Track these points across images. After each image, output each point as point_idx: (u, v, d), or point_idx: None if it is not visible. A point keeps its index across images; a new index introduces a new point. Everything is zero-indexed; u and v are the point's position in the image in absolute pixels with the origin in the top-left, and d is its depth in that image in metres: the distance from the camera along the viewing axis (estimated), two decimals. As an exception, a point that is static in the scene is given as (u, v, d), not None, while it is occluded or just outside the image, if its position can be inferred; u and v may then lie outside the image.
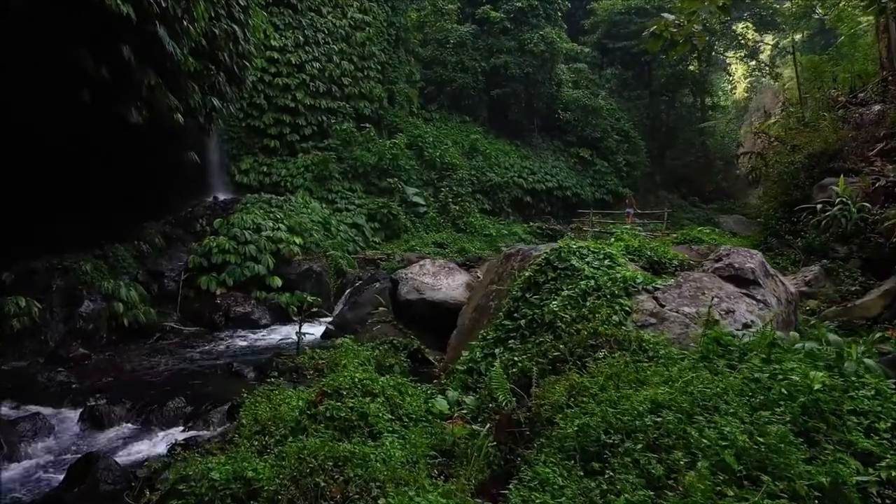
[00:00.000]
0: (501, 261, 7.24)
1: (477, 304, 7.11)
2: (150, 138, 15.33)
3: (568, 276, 6.10)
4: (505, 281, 6.91)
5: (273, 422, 6.12)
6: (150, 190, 17.32)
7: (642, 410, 3.66)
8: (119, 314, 12.64)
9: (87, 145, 12.92)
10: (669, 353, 4.71)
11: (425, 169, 28.43)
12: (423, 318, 10.69)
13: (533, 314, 6.03)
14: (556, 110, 36.58)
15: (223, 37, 15.42)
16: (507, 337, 6.15)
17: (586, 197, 34.98)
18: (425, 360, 10.17)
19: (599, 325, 5.14)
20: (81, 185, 13.99)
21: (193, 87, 14.45)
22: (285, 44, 25.16)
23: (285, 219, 17.90)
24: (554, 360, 5.21)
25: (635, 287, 5.61)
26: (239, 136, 24.54)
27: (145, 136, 14.45)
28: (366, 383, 6.23)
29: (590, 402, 4.01)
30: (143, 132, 13.77)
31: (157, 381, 9.68)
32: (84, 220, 14.92)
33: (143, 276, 15.40)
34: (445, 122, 33.22)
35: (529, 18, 34.25)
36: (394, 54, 30.35)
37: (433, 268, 11.41)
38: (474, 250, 23.23)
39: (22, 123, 11.03)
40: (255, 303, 15.28)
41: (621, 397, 3.90)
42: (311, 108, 25.74)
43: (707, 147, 47.88)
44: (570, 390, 4.27)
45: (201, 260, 15.59)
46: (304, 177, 24.35)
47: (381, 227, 23.70)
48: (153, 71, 12.03)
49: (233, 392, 8.89)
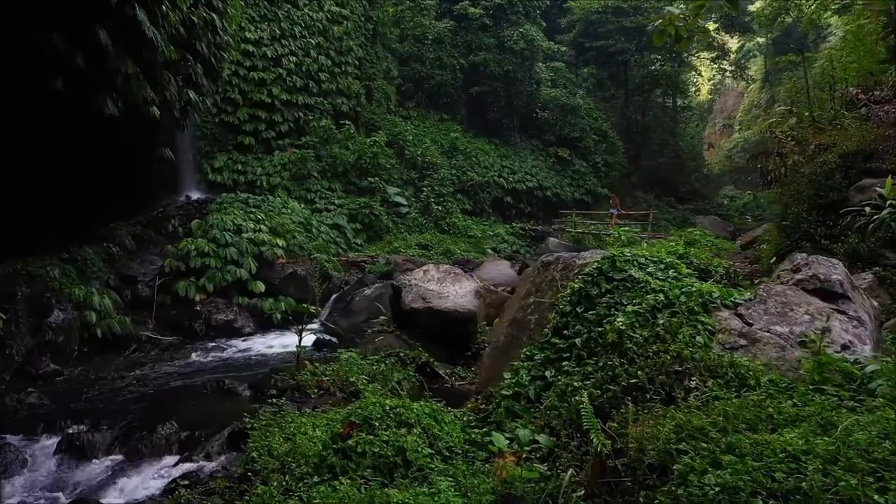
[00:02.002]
0: (538, 269, 6.54)
1: (512, 317, 6.41)
2: (121, 132, 14.32)
3: (627, 288, 5.43)
4: (545, 292, 6.21)
5: (292, 457, 5.33)
6: (118, 188, 16.21)
7: (793, 465, 2.98)
8: (92, 324, 11.59)
9: (54, 139, 11.88)
10: (775, 383, 4.07)
11: (406, 168, 27.64)
12: (429, 329, 9.98)
13: (590, 332, 5.35)
14: (534, 109, 36.10)
15: (201, 25, 14.47)
16: (560, 357, 5.46)
17: (566, 197, 34.59)
18: (434, 373, 9.46)
19: (683, 347, 4.48)
20: (46, 181, 12.90)
21: (169, 78, 13.47)
22: (261, 36, 24.09)
23: (266, 220, 16.94)
24: (629, 388, 4.53)
25: (713, 302, 4.97)
26: (212, 132, 23.40)
27: (116, 129, 13.49)
28: (399, 412, 5.48)
29: (712, 448, 3.32)
30: (115, 126, 12.81)
31: (141, 401, 8.73)
32: (49, 219, 13.81)
33: (114, 282, 14.31)
34: (423, 120, 32.46)
35: (509, 15, 33.69)
36: (371, 50, 29.46)
37: (437, 273, 10.68)
38: (460, 252, 22.54)
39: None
40: (237, 309, 14.32)
41: (755, 444, 3.23)
42: (288, 103, 24.70)
43: (679, 147, 48.10)
44: (677, 430, 3.58)
45: (178, 263, 14.56)
46: (281, 175, 23.34)
47: (363, 228, 22.83)
48: (131, 59, 11.05)
49: (229, 413, 8.02)
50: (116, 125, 12.70)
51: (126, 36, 10.42)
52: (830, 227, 8.52)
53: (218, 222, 15.66)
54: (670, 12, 6.60)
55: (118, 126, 12.94)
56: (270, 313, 14.61)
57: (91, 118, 11.25)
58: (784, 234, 9.64)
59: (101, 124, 11.76)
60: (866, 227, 7.80)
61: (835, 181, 8.75)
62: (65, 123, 11.11)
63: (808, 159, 9.93)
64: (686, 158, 48.88)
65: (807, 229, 8.92)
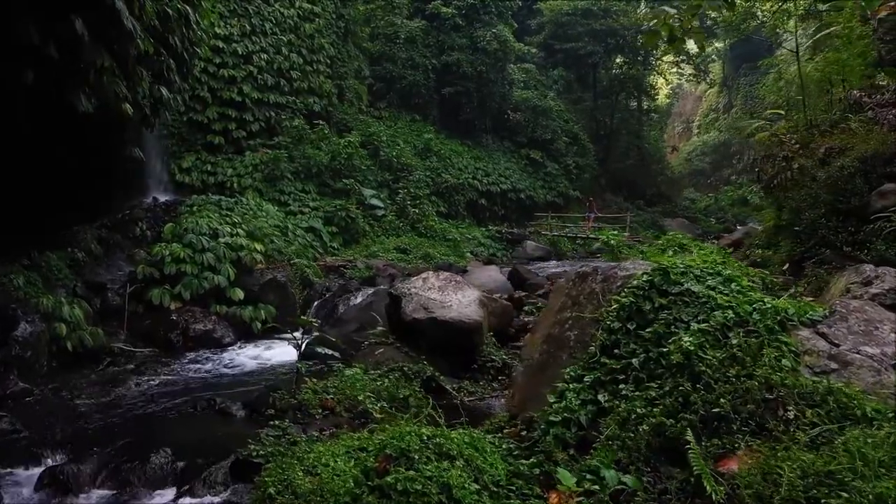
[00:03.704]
0: (574, 281, 6.09)
1: (547, 333, 5.94)
2: (90, 130, 13.47)
3: (686, 303, 5.01)
4: (584, 306, 5.76)
5: (319, 496, 4.76)
6: (83, 189, 15.26)
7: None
8: (62, 337, 10.73)
9: (18, 136, 10.99)
10: (882, 412, 3.69)
11: (380, 169, 27.00)
12: (432, 340, 9.46)
13: (647, 351, 4.91)
14: (506, 111, 35.83)
15: (175, 18, 13.69)
16: (613, 379, 5.00)
17: (539, 200, 34.40)
18: (440, 388, 8.96)
19: (770, 371, 4.06)
20: (6, 182, 11.97)
21: (142, 73, 12.65)
22: (231, 32, 23.21)
23: (243, 223, 16.15)
24: (709, 417, 4.10)
25: (791, 320, 4.58)
26: (179, 131, 22.41)
27: (85, 127, 12.65)
28: (439, 442, 4.96)
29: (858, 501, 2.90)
30: (83, 123, 11.98)
31: (125, 424, 7.99)
32: (8, 223, 12.85)
33: (81, 290, 13.41)
34: (395, 121, 31.86)
35: (482, 15, 33.33)
36: (343, 48, 28.76)
37: (438, 281, 10.17)
38: (439, 256, 22.04)
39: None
40: (215, 318, 13.55)
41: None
42: (259, 102, 23.85)
43: (645, 150, 48.56)
44: (802, 475, 3.16)
45: (152, 270, 13.72)
46: (252, 177, 22.47)
47: (340, 231, 22.13)
48: (106, 51, 10.26)
49: (225, 437, 7.39)
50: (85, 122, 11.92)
51: (103, 26, 9.66)
52: (853, 234, 8.33)
53: (193, 226, 14.85)
54: (665, 11, 6.45)
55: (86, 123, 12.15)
56: (251, 322, 13.91)
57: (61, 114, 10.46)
58: (797, 240, 9.42)
59: (71, 121, 10.98)
60: (895, 234, 7.60)
61: (855, 186, 8.56)
62: (33, 120, 10.25)
63: (819, 163, 9.74)
64: (651, 161, 49.40)
65: (825, 235, 8.70)
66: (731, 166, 59.50)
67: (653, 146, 51.18)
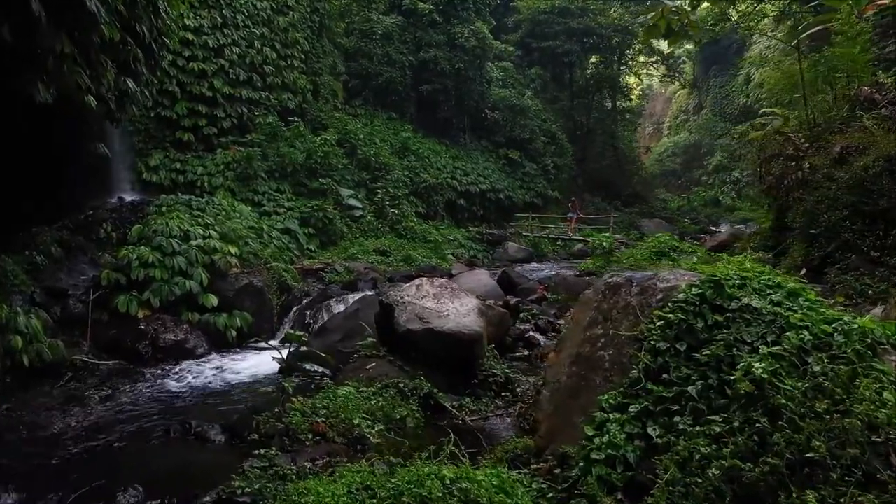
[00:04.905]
0: (603, 293, 5.42)
1: (576, 352, 5.26)
2: (49, 123, 12.47)
3: (747, 321, 4.37)
4: (618, 322, 5.10)
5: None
6: (42, 187, 14.21)
7: None
8: (17, 350, 9.71)
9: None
10: None
11: (357, 169, 26.10)
12: (428, 353, 8.76)
13: (705, 378, 4.26)
14: (484, 109, 35.20)
15: (143, 4, 12.75)
16: (665, 410, 4.34)
17: (518, 200, 33.84)
18: (440, 406, 8.26)
19: (872, 408, 3.43)
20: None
21: (107, 62, 11.68)
22: (201, 24, 22.07)
23: (216, 225, 15.21)
24: (799, 462, 3.46)
25: (881, 343, 3.96)
26: (147, 127, 21.23)
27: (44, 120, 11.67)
28: (464, 487, 4.25)
29: None
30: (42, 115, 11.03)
31: (89, 452, 7.10)
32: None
33: (40, 297, 12.40)
34: (371, 119, 30.95)
35: (459, 12, 32.62)
36: (317, 43, 27.80)
37: (433, 289, 9.47)
38: (421, 259, 21.26)
39: None
40: (187, 327, 12.62)
41: None
42: (231, 97, 22.77)
43: (621, 150, 48.45)
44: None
45: (117, 275, 12.73)
46: (224, 175, 21.41)
47: (317, 232, 21.20)
48: (67, 37, 9.32)
49: (204, 468, 6.60)
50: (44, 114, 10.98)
51: (62, 8, 8.74)
52: (881, 238, 7.82)
53: (162, 227, 13.87)
54: (664, 4, 6.01)
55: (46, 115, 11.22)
56: (225, 331, 13.01)
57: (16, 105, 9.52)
58: (814, 244, 8.92)
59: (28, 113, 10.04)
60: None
61: (882, 186, 8.06)
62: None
63: (835, 163, 9.24)
64: (626, 161, 49.28)
65: (849, 239, 8.19)
66: (701, 167, 59.87)
67: (627, 147, 51.11)
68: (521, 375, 9.14)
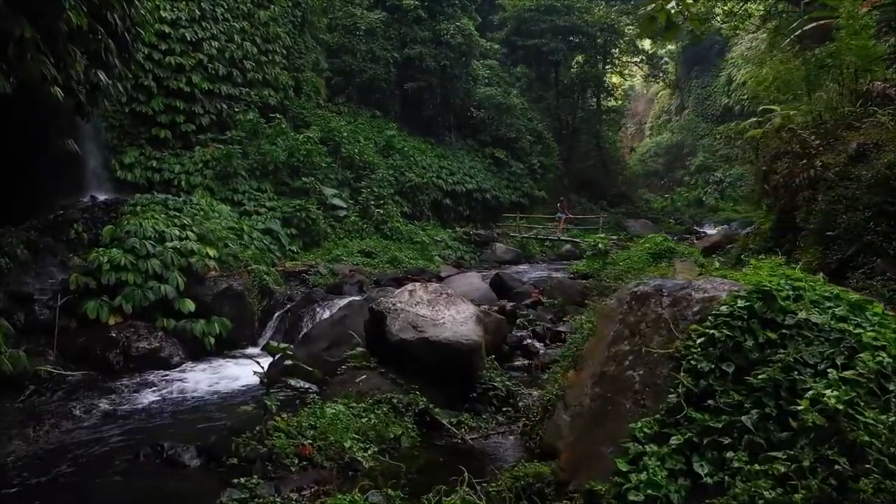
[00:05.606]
0: (629, 303, 4.83)
1: (600, 371, 4.67)
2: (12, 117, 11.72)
3: (807, 339, 3.80)
4: (648, 338, 4.51)
5: None
6: (7, 185, 13.39)
7: None
8: (-26, 363, 8.97)
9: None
10: None
11: (341, 167, 25.36)
12: (423, 364, 8.14)
13: (762, 406, 3.67)
14: (469, 108, 34.62)
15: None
16: (713, 443, 3.75)
17: (504, 200, 33.30)
18: (436, 423, 7.64)
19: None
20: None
21: (75, 52, 10.92)
22: (178, 16, 21.22)
23: (194, 225, 14.44)
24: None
25: (971, 367, 3.42)
26: (121, 123, 20.33)
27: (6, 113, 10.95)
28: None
29: None
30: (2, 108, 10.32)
31: (50, 483, 6.35)
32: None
33: (3, 302, 11.57)
34: (355, 117, 30.23)
35: (445, 8, 32.03)
36: (300, 39, 27.04)
37: (427, 295, 8.84)
38: (407, 260, 20.62)
39: None
40: (162, 334, 11.87)
41: None
42: (209, 93, 21.93)
43: (605, 150, 48.22)
44: None
45: (87, 279, 11.93)
46: (203, 174, 20.58)
47: (299, 233, 20.45)
48: (28, 21, 8.58)
49: (178, 500, 5.90)
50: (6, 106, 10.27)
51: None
52: (914, 242, 7.35)
53: (136, 228, 13.10)
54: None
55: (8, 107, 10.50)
56: (203, 338, 12.28)
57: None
58: (830, 247, 8.42)
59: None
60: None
61: (912, 185, 7.61)
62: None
63: (851, 160, 8.76)
64: (611, 161, 49.06)
65: (872, 241, 7.70)
66: (684, 167, 59.98)
67: (612, 147, 50.90)
68: (522, 388, 8.56)
